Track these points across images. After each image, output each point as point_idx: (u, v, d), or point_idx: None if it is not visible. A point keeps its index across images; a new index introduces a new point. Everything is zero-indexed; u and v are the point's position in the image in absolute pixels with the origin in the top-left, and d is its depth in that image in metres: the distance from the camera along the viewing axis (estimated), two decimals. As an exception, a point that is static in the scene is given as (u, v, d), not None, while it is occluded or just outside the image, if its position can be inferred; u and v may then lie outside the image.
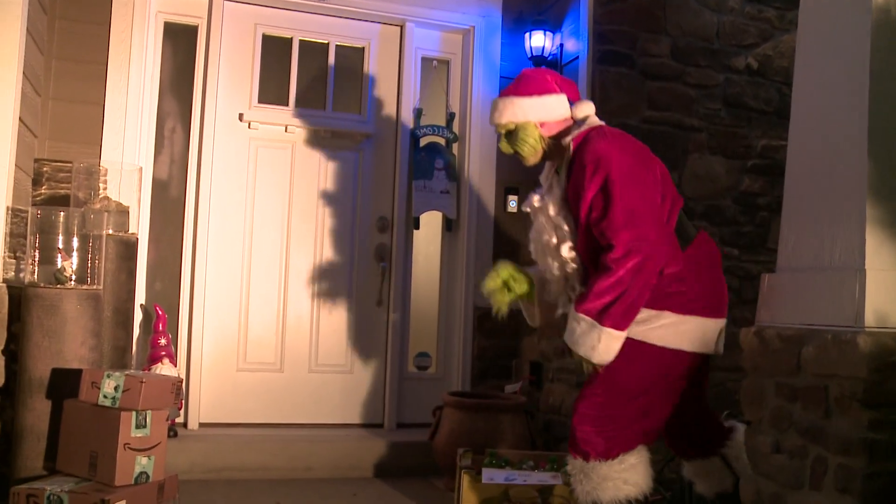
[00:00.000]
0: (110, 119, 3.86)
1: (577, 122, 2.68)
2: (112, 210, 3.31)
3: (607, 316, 2.40)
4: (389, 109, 4.50)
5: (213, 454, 3.74)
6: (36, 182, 3.71)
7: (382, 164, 4.47)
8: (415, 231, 4.46)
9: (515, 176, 4.55)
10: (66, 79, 3.83)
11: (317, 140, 4.34)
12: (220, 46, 4.18)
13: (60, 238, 3.06)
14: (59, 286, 2.97)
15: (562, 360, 4.01)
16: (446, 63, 4.64)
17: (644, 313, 2.50)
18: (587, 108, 2.71)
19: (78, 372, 2.79)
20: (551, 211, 2.68)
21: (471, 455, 3.53)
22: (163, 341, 3.80)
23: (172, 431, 3.76)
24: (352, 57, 4.49)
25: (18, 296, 3.07)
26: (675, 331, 2.53)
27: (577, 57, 4.13)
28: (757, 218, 4.18)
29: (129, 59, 3.90)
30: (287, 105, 4.32)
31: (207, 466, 3.70)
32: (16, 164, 3.26)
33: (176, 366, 3.83)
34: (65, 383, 2.87)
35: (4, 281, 3.15)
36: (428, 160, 4.45)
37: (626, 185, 2.44)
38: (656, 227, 2.45)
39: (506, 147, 2.78)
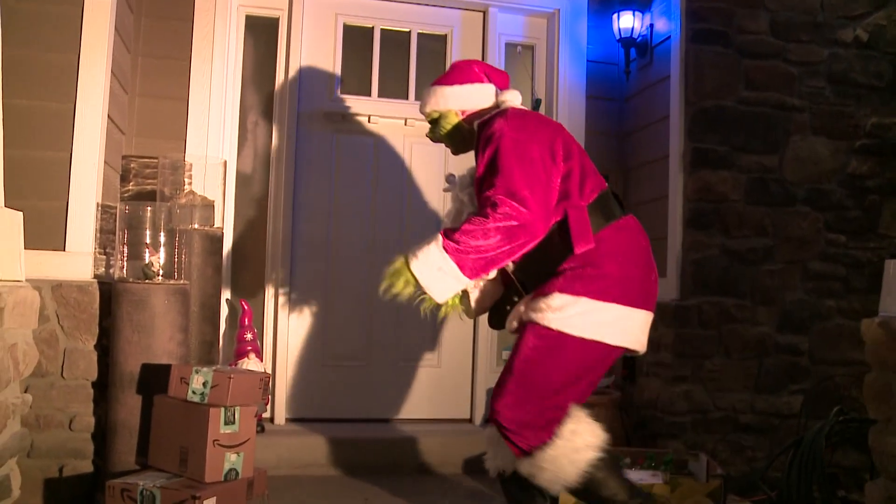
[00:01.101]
0: (194, 114, 3.85)
1: (496, 107, 2.67)
2: (197, 204, 3.30)
3: (461, 253, 2.36)
4: (473, 97, 4.38)
5: (300, 450, 3.70)
6: (124, 178, 3.74)
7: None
8: (500, 222, 4.33)
9: (606, 162, 4.39)
10: (152, 75, 3.84)
11: (400, 130, 4.26)
12: (302, 38, 4.14)
13: (148, 233, 3.06)
14: (147, 281, 2.97)
15: (657, 353, 3.84)
16: (531, 48, 4.50)
17: (558, 299, 2.39)
18: (510, 96, 2.70)
19: (167, 367, 2.78)
20: (460, 191, 2.67)
21: (564, 452, 3.41)
22: (249, 336, 3.78)
23: (259, 427, 3.74)
24: (434, 44, 4.40)
25: (108, 291, 3.08)
26: (594, 320, 2.39)
27: (669, 37, 3.95)
28: (865, 202, 3.91)
29: (212, 54, 3.89)
30: (369, 95, 4.25)
31: (295, 462, 3.66)
32: (105, 161, 3.28)
33: (262, 361, 3.81)
34: (155, 379, 2.87)
35: (95, 277, 3.17)
36: (513, 148, 4.32)
37: (511, 159, 2.40)
38: (538, 203, 2.37)
39: (431, 136, 2.83)
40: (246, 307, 3.83)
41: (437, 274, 2.38)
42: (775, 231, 3.80)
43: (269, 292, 4.07)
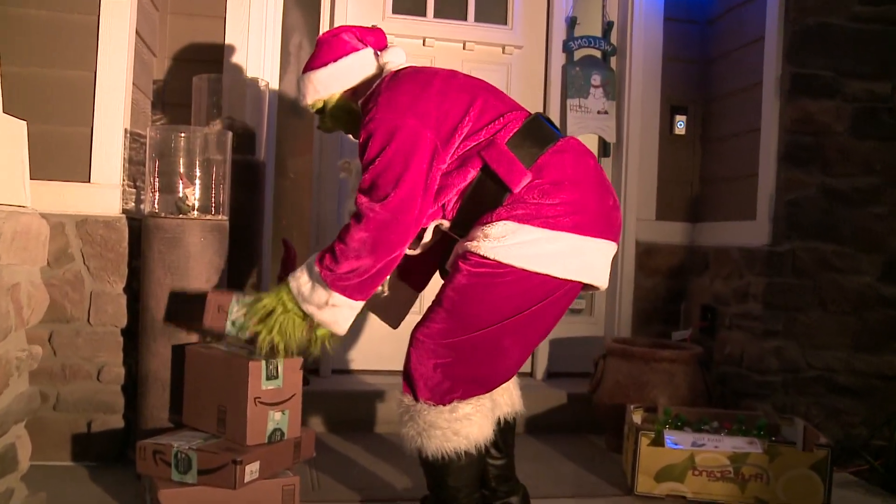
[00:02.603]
0: (232, 34, 3.47)
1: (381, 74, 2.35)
2: (237, 131, 2.93)
3: (342, 282, 2.11)
4: (539, 18, 3.94)
5: (347, 405, 3.39)
6: (155, 105, 3.39)
7: (532, 80, 3.94)
8: (568, 157, 3.92)
9: (685, 92, 3.96)
10: (185, -10, 3.46)
11: (458, 54, 3.84)
12: (350, -50, 3.73)
13: (182, 163, 2.72)
14: (181, 216, 2.63)
15: (743, 304, 3.45)
16: (602, -37, 4.04)
17: (499, 227, 2.07)
18: (390, 55, 2.37)
19: (202, 297, 2.41)
20: (355, 178, 2.36)
21: (641, 412, 3.08)
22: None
23: (305, 380, 3.43)
24: (495, -41, 3.96)
25: (139, 228, 2.76)
26: (540, 250, 2.06)
27: (766, -55, 3.46)
28: None
29: (252, -33, 3.49)
30: (425, 15, 3.83)
31: (341, 418, 3.36)
32: (133, 83, 2.93)
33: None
34: (188, 315, 2.55)
35: (124, 212, 2.85)
36: (583, 76, 3.89)
37: (377, 146, 2.10)
38: (405, 192, 2.07)
39: (324, 126, 2.49)
40: (291, 248, 3.48)
41: (328, 310, 2.15)
42: (885, 169, 3.34)
43: (314, 232, 3.72)
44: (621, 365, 3.31)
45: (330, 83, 2.35)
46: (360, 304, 2.18)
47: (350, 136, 2.53)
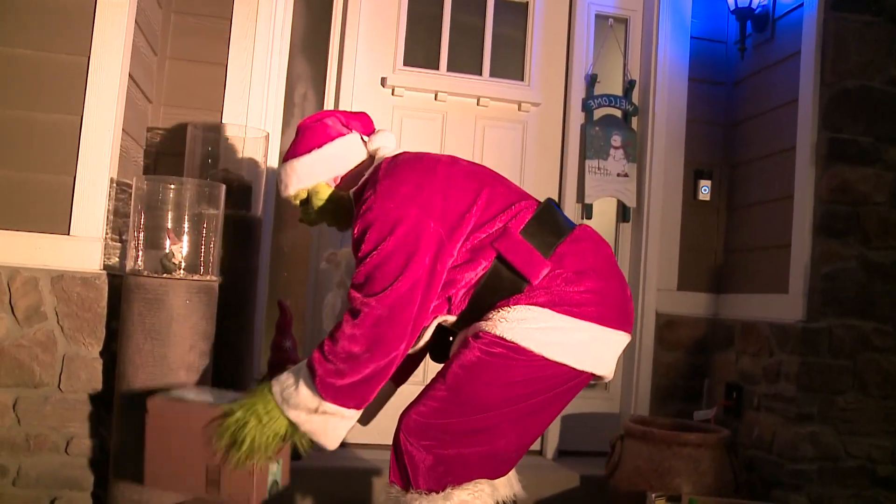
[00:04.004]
0: (233, 82, 3.28)
1: (372, 161, 2.18)
2: (232, 184, 2.71)
3: (337, 392, 1.87)
4: (557, 75, 3.76)
5: (341, 483, 3.11)
6: (148, 154, 3.18)
7: (549, 139, 3.73)
8: (586, 221, 3.69)
9: (709, 156, 3.75)
10: (186, 35, 3.27)
11: (472, 110, 3.64)
12: (361, 1, 3.56)
13: (170, 216, 2.49)
14: (165, 275, 2.39)
15: (774, 383, 3.18)
16: (624, 21, 3.87)
17: (520, 311, 1.93)
18: (380, 140, 2.21)
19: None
20: (347, 277, 2.19)
21: (664, 501, 2.82)
22: (288, 344, 3.18)
23: (295, 453, 3.15)
24: (513, 14, 3.78)
25: (120, 286, 2.52)
26: (564, 339, 1.93)
27: (801, 4, 3.28)
28: None
29: (257, 13, 3.31)
30: (438, 68, 3.64)
31: (334, 497, 3.08)
32: (123, 130, 2.72)
33: (303, 374, 3.21)
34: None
35: (105, 268, 2.61)
36: (603, 136, 3.69)
37: (375, 238, 1.91)
38: (404, 286, 1.87)
39: (307, 219, 2.29)
40: (286, 310, 3.24)
41: (317, 418, 1.91)
42: (928, 242, 3.12)
43: (312, 292, 3.48)
44: (641, 448, 3.04)
45: (315, 171, 2.17)
46: (355, 416, 1.94)
47: (335, 228, 2.33)
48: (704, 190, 3.70)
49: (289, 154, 2.21)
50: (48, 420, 2.51)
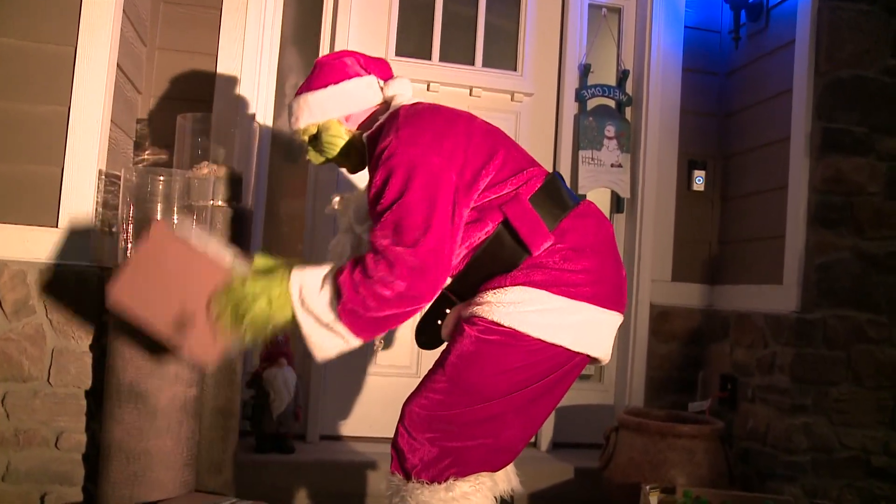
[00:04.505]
0: (223, 72, 3.24)
1: (387, 107, 2.13)
2: (222, 176, 2.68)
3: (354, 316, 1.85)
4: (550, 65, 3.74)
5: (335, 476, 3.09)
6: (138, 146, 3.15)
7: (542, 129, 3.71)
8: (579, 212, 3.67)
9: (703, 147, 3.73)
10: (176, 25, 3.24)
11: (464, 100, 3.61)
12: (352, -10, 3.53)
13: (159, 208, 2.46)
14: (154, 268, 2.36)
15: (768, 375, 3.18)
16: (618, 11, 3.84)
17: (514, 293, 1.90)
18: (397, 87, 2.15)
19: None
20: (356, 224, 2.13)
21: (658, 493, 2.80)
22: (280, 337, 3.17)
23: (289, 446, 3.14)
24: (506, 3, 3.75)
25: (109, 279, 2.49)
26: (561, 320, 1.90)
27: (793, -6, 3.27)
28: None
29: (247, 3, 3.27)
30: (430, 59, 3.61)
31: (329, 491, 3.05)
32: (112, 121, 2.69)
33: (294, 367, 3.20)
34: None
35: (94, 261, 2.58)
36: (597, 126, 3.67)
37: (400, 184, 1.86)
38: (436, 237, 1.83)
39: (314, 157, 2.22)
40: (277, 303, 3.21)
41: (322, 330, 1.88)
42: (922, 232, 3.11)
43: (305, 286, 3.45)
44: (635, 439, 3.03)
45: (328, 106, 2.12)
46: (357, 343, 1.91)
47: (343, 170, 2.27)
48: (698, 180, 3.68)
49: (303, 87, 2.16)
50: (37, 414, 2.49)
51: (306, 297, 1.87)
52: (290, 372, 3.12)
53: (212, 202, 2.53)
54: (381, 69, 2.20)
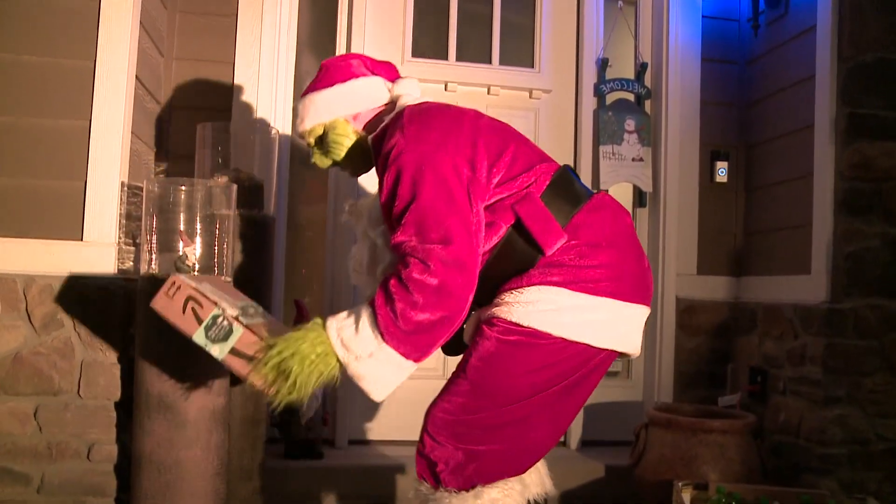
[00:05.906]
0: (241, 80, 3.25)
1: (392, 107, 2.09)
2: (243, 183, 2.69)
3: (404, 336, 1.78)
4: (568, 61, 3.72)
5: (364, 480, 3.09)
6: (160, 157, 3.16)
7: (561, 125, 3.69)
8: (601, 207, 3.64)
9: (725, 137, 3.70)
10: (192, 35, 3.25)
11: (482, 99, 3.60)
12: (367, -8, 3.53)
13: (182, 218, 2.46)
14: (179, 278, 2.36)
15: (799, 367, 3.13)
16: (634, 3, 3.81)
17: (532, 292, 1.86)
18: (404, 87, 2.13)
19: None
20: (370, 229, 2.08)
21: (691, 489, 2.78)
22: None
23: (317, 452, 3.14)
24: (522, 0, 3.73)
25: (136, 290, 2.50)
26: (581, 318, 1.86)
27: (814, -21, 3.22)
28: None
29: (262, 10, 3.28)
30: (446, 58, 3.61)
31: (358, 494, 3.05)
32: (133, 133, 2.70)
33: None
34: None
35: (120, 272, 2.60)
36: (616, 121, 3.64)
37: (410, 182, 1.84)
38: (461, 232, 1.80)
39: (320, 160, 2.20)
40: (303, 309, 3.22)
41: (370, 363, 1.80)
42: (953, 217, 3.05)
43: (328, 289, 3.46)
44: (666, 436, 3.01)
45: (334, 106, 2.11)
46: (411, 368, 1.84)
47: (348, 172, 2.26)
48: (721, 172, 3.64)
49: (309, 88, 2.16)
50: (69, 427, 2.51)
51: (344, 335, 1.81)
52: (317, 377, 3.12)
53: (234, 210, 2.53)
54: (387, 71, 2.20)
